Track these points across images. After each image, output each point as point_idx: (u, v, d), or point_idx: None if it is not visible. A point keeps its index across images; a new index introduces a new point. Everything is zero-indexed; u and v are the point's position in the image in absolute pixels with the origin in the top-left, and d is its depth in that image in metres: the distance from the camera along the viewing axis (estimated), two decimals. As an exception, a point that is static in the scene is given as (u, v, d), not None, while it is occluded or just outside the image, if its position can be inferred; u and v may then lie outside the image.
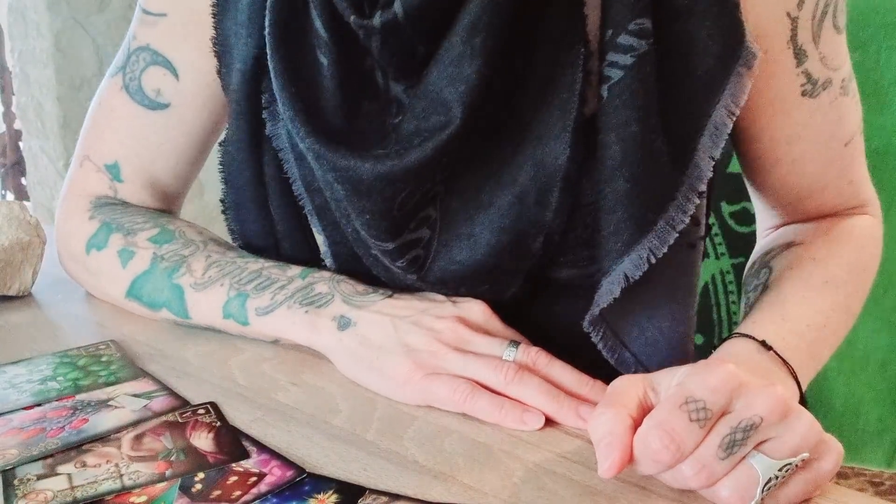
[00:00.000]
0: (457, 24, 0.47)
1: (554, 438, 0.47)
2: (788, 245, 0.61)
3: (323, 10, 0.51)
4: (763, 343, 0.51)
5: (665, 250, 0.50)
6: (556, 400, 0.48)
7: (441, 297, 0.56)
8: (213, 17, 0.61)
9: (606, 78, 0.49)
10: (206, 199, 1.98)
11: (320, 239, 0.62)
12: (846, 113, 0.59)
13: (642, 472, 0.40)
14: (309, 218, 0.61)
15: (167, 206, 0.72)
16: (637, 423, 0.40)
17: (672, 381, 0.41)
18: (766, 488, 0.38)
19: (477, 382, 0.49)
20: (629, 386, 0.42)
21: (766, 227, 0.68)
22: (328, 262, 0.63)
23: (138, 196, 0.69)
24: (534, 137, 0.51)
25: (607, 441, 0.39)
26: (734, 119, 0.51)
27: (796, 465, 0.38)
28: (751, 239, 0.82)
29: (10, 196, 2.63)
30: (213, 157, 0.68)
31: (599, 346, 0.55)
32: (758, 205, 0.67)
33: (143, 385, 0.53)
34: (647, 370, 0.55)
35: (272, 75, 0.54)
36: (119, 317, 0.65)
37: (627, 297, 0.52)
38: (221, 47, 0.61)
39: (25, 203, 0.96)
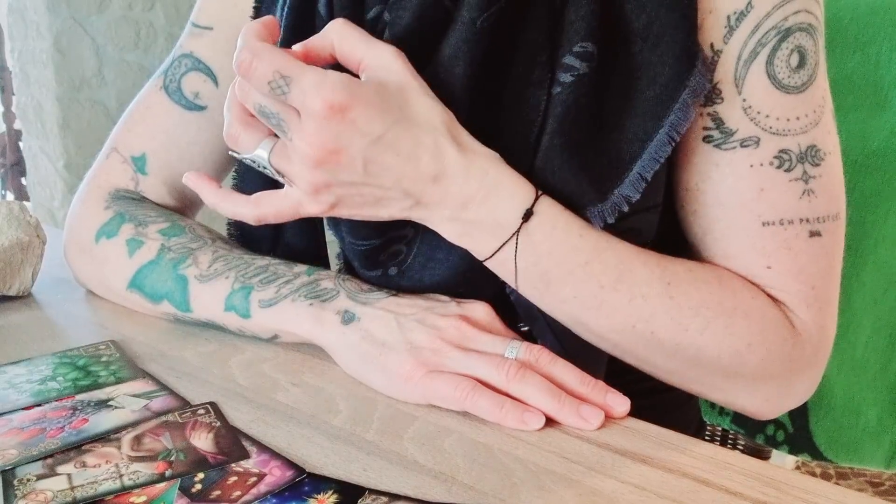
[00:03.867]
0: (438, 54, 0.51)
1: (554, 438, 0.47)
2: None
3: None
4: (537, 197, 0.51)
5: None
6: (557, 399, 0.48)
7: (445, 298, 0.57)
8: None
9: (551, 94, 0.51)
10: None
11: (332, 236, 0.65)
12: (775, 190, 0.52)
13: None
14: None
15: (183, 208, 0.73)
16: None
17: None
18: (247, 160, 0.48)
19: (479, 381, 0.50)
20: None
21: None
22: (340, 261, 0.65)
23: (158, 192, 0.70)
24: (504, 150, 0.53)
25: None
26: (674, 145, 0.51)
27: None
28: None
29: (10, 196, 2.64)
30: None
31: (518, 310, 0.56)
32: None
33: (143, 385, 0.53)
34: (563, 348, 0.56)
35: None
36: (119, 317, 0.65)
37: None
38: None
39: (25, 203, 0.96)
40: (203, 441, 0.46)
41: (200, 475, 0.42)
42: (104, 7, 2.05)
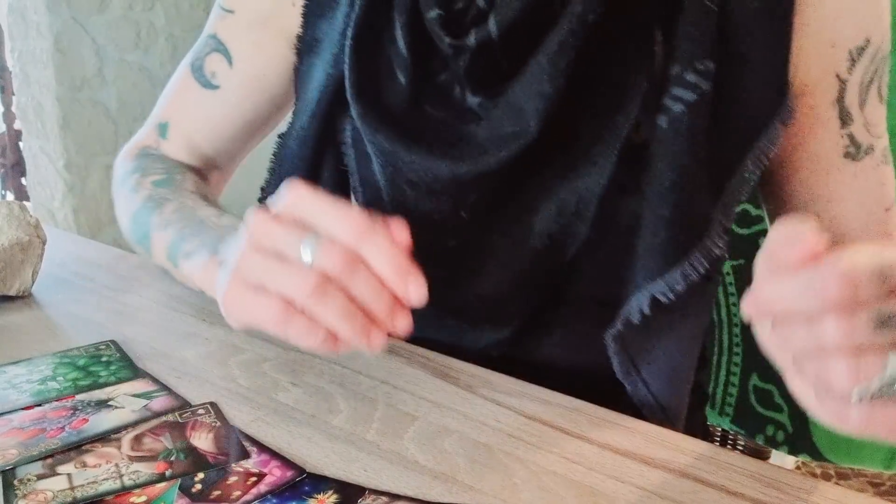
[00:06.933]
0: (545, 44, 0.51)
1: (554, 438, 0.47)
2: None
3: (408, 32, 0.55)
4: None
5: (695, 277, 0.52)
6: (351, 322, 0.41)
7: None
8: (303, 17, 0.64)
9: (666, 109, 0.51)
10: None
11: None
12: (888, 179, 0.60)
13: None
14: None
15: (207, 168, 0.76)
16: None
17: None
18: (881, 389, 0.32)
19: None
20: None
21: None
22: None
23: (178, 154, 0.74)
24: (583, 153, 0.53)
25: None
26: (761, 169, 0.53)
27: None
28: (751, 240, 0.82)
29: (10, 196, 2.63)
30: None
31: (614, 364, 0.56)
32: None
33: (143, 385, 0.53)
34: (653, 395, 0.57)
35: (346, 83, 0.57)
36: (119, 317, 0.65)
37: (645, 320, 0.54)
38: (306, 46, 0.64)
39: (25, 203, 0.96)
40: (203, 441, 0.46)
41: (200, 475, 0.42)
42: (104, 7, 2.05)
